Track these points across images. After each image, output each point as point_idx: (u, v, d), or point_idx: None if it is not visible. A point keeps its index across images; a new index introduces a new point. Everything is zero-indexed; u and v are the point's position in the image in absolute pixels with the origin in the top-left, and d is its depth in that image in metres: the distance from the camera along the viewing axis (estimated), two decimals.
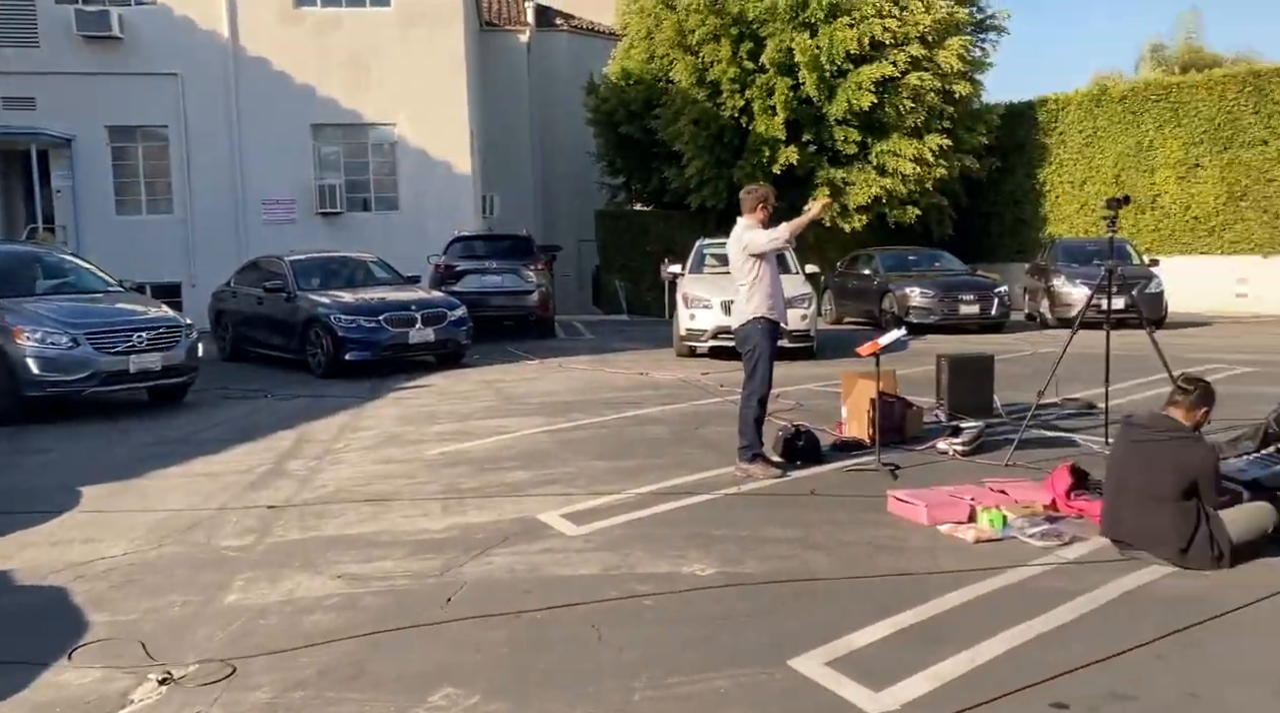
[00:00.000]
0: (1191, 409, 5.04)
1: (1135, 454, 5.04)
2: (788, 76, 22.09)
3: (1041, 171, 24.92)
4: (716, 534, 5.61)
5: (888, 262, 19.17)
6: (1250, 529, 4.89)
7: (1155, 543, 4.91)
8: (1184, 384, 5.11)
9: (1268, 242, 21.17)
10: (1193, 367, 10.32)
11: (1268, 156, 20.96)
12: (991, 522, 5.53)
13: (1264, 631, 4.12)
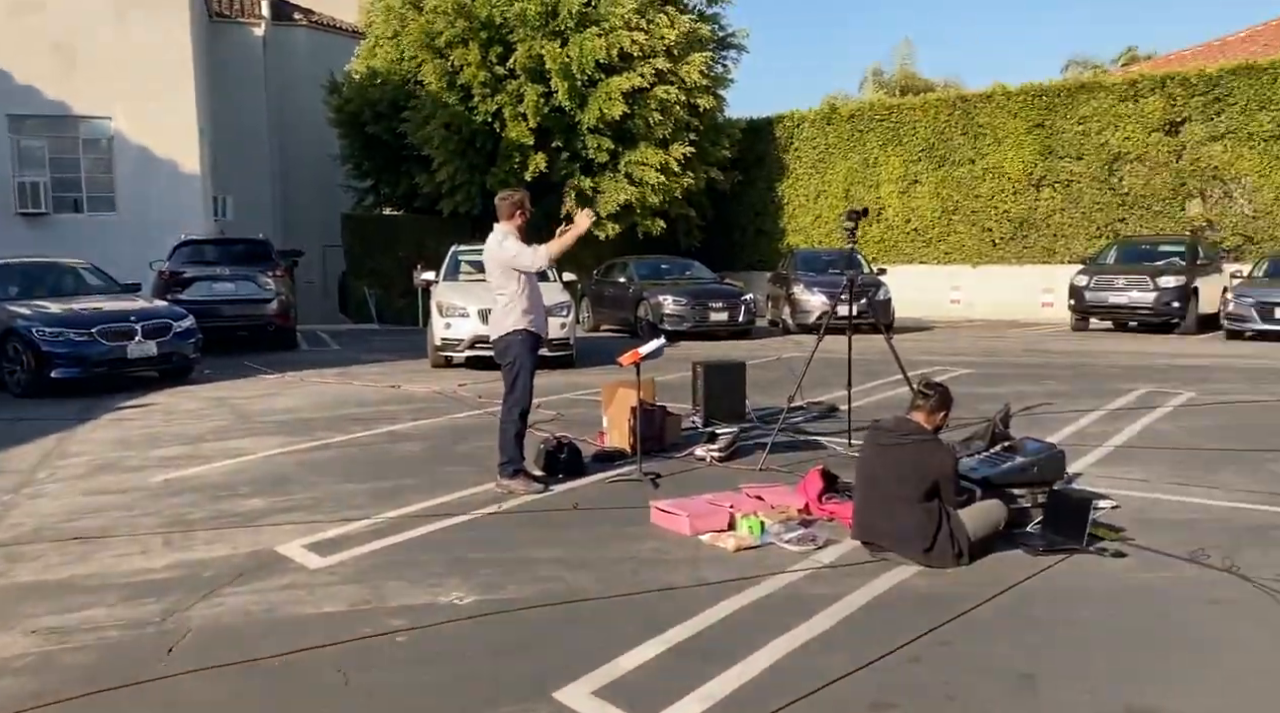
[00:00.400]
0: (932, 413, 5.27)
1: (881, 457, 5.21)
2: (539, 83, 22.01)
3: (780, 185, 26.21)
4: (477, 558, 5.31)
5: (642, 270, 19.48)
6: (985, 526, 5.16)
7: (902, 543, 5.08)
8: (924, 389, 5.33)
9: (976, 252, 23.25)
10: (918, 369, 11.01)
11: (975, 174, 23.02)
12: (750, 529, 5.56)
13: (1003, 625, 4.32)
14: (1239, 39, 29.63)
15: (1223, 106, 19.75)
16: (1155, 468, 7.16)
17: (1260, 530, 5.60)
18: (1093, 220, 21.53)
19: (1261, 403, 9.88)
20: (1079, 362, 13.61)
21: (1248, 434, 8.33)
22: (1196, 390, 10.64)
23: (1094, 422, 8.98)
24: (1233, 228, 19.82)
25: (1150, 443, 8.04)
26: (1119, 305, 17.96)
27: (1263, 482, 6.72)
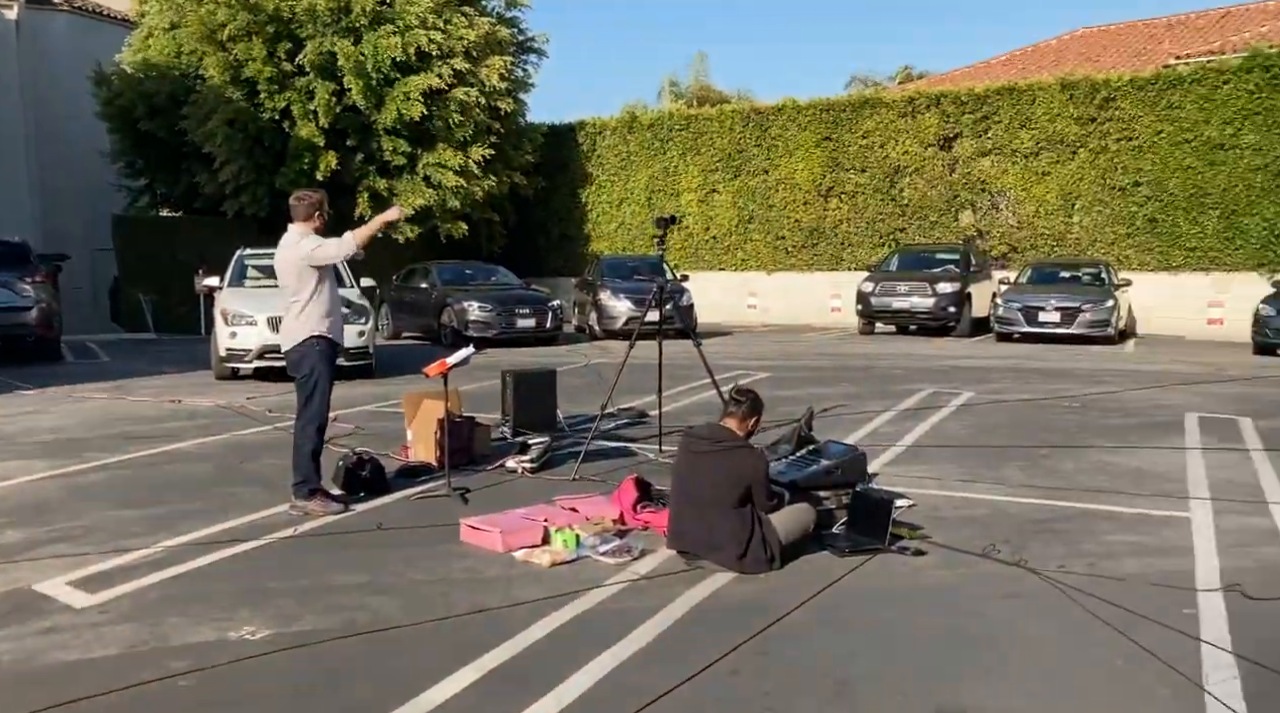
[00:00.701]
0: (744, 419, 5.30)
1: (696, 465, 5.19)
2: (330, 81, 21.12)
3: (584, 191, 26.27)
4: (271, 587, 4.92)
5: (445, 275, 19.00)
6: (796, 530, 5.23)
7: (716, 551, 5.08)
8: (737, 396, 5.36)
9: (771, 260, 24.07)
10: (721, 374, 11.19)
11: (769, 184, 23.84)
12: (565, 543, 5.43)
13: (817, 630, 4.36)
14: (1001, 62, 32.12)
15: (990, 124, 21.27)
16: (944, 465, 7.52)
17: (1043, 524, 5.95)
18: (876, 229, 22.71)
19: (1032, 401, 10.62)
20: (868, 364, 14.27)
21: (1023, 431, 8.92)
22: (975, 390, 11.34)
23: (886, 422, 9.38)
24: (1000, 237, 21.38)
25: (938, 441, 8.47)
26: (902, 310, 19.01)
27: (1040, 476, 7.18)
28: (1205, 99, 18.85)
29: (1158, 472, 7.28)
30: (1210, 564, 5.14)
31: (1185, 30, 29.49)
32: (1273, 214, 18.30)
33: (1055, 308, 17.06)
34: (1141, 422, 9.38)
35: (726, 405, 5.37)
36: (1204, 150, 18.88)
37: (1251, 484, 6.88)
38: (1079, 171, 20.25)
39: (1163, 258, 19.57)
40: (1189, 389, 11.42)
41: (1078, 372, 13.17)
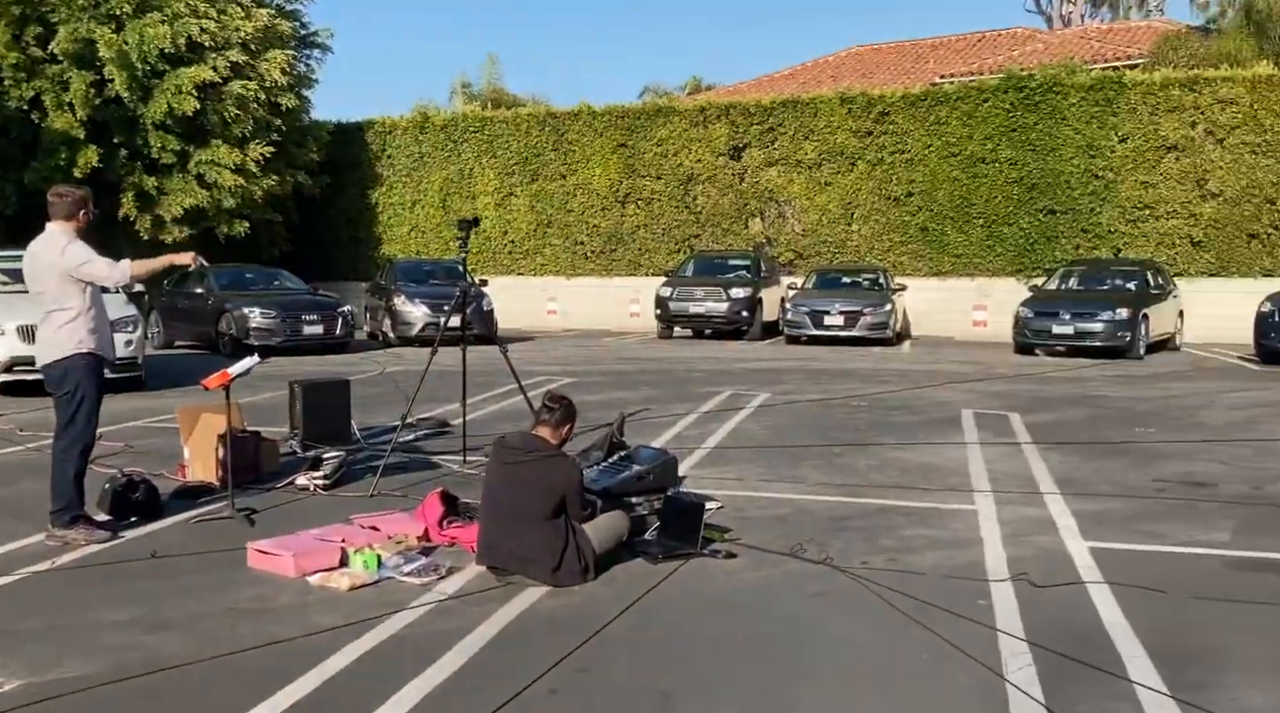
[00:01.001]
0: (558, 427, 5.14)
1: (508, 476, 4.99)
2: (88, 70, 19.43)
3: (374, 192, 25.38)
4: (24, 629, 4.35)
5: (223, 280, 17.81)
6: (610, 539, 5.13)
7: (530, 565, 4.89)
8: (549, 403, 5.20)
9: (570, 265, 24.05)
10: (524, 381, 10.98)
11: (566, 189, 23.82)
12: (365, 564, 5.10)
13: (636, 642, 4.26)
14: (784, 75, 33.52)
15: (775, 135, 22.08)
16: (747, 466, 7.64)
17: (843, 521, 6.11)
18: (673, 236, 23.11)
19: (824, 401, 11.01)
20: (668, 367, 14.44)
21: (817, 430, 9.21)
22: (771, 391, 11.66)
23: (689, 425, 9.47)
24: (787, 244, 22.21)
25: (740, 442, 8.61)
26: (698, 314, 19.40)
27: (836, 474, 7.40)
28: (968, 116, 20.28)
29: (943, 466, 7.66)
30: (997, 554, 5.40)
31: (948, 52, 31.74)
32: (1028, 224, 19.90)
33: (840, 312, 17.86)
34: (924, 419, 9.89)
35: (539, 413, 5.20)
36: (968, 164, 20.31)
37: (1025, 476, 7.34)
38: (858, 182, 21.32)
39: (933, 264, 20.89)
40: (963, 387, 12.18)
41: (862, 372, 13.81)
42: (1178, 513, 6.23)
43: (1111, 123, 19.06)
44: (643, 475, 5.82)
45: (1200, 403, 10.90)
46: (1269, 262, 18.15)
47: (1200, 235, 18.60)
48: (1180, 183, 18.63)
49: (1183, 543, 5.57)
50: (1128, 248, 19.08)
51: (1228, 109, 18.22)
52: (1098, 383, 12.70)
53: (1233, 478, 7.19)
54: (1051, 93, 19.50)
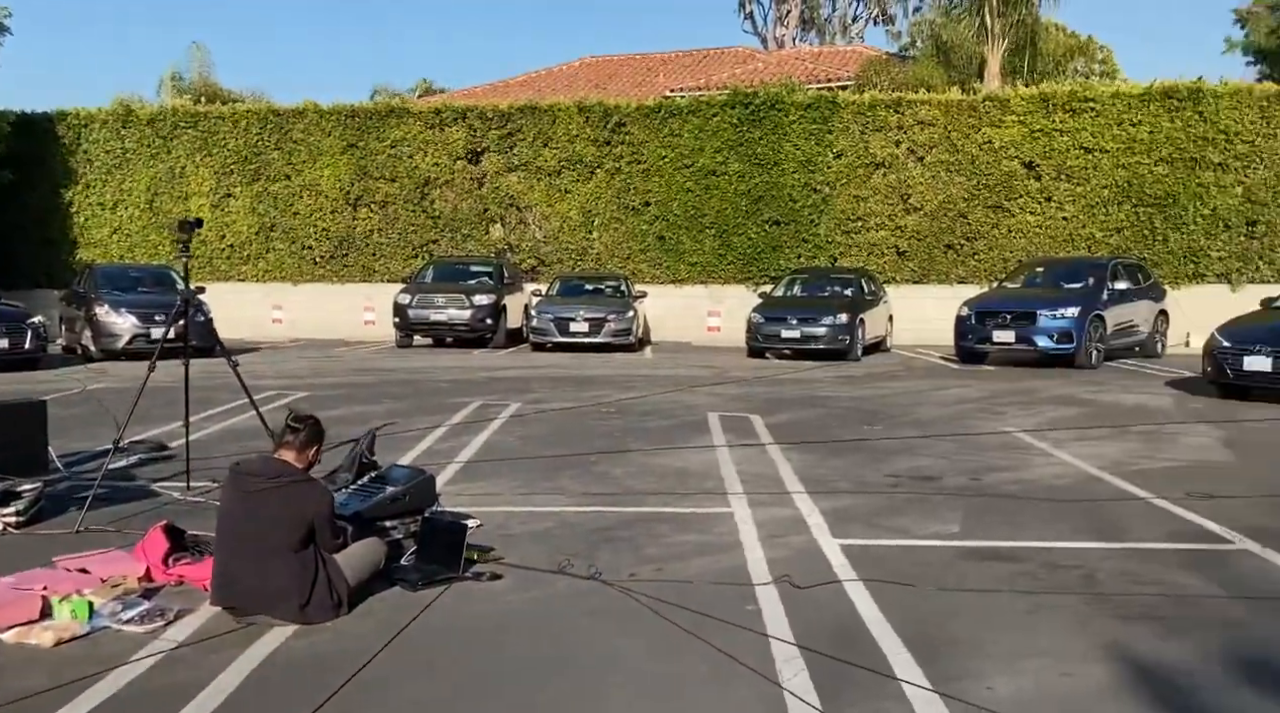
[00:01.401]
0: (304, 448, 4.70)
1: (248, 505, 4.50)
2: None
3: (68, 191, 22.91)
4: None
5: None
6: (366, 568, 4.75)
7: (275, 602, 4.43)
8: (293, 423, 4.74)
9: (297, 271, 22.75)
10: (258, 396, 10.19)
11: (292, 191, 22.53)
12: (74, 613, 4.43)
13: (403, 680, 3.94)
14: (519, 82, 33.49)
15: (515, 141, 21.93)
16: (503, 480, 7.41)
17: (607, 531, 6.01)
18: (409, 241, 22.40)
19: (575, 409, 10.96)
20: (411, 378, 13.90)
21: (571, 438, 9.11)
22: (521, 401, 11.46)
23: (439, 439, 9.10)
24: (529, 251, 22.10)
25: (494, 455, 8.36)
26: (439, 322, 18.87)
27: (594, 483, 7.32)
28: (699, 129, 21.02)
29: (696, 470, 7.77)
30: (758, 556, 5.49)
31: (676, 66, 32.91)
32: (755, 234, 20.88)
33: (584, 319, 17.95)
34: (674, 423, 10.05)
35: (280, 434, 4.73)
36: (700, 176, 21.04)
37: (772, 476, 7.58)
38: (597, 191, 21.57)
39: (670, 272, 21.48)
40: (705, 391, 12.53)
41: (609, 378, 13.91)
42: (912, 507, 6.61)
43: (827, 140, 20.38)
44: (398, 497, 5.44)
45: (914, 401, 11.78)
46: (963, 270, 20.04)
47: (905, 245, 20.26)
48: (887, 197, 20.21)
49: (921, 536, 5.90)
50: (843, 257, 20.46)
51: (926, 130, 19.96)
52: (824, 384, 13.46)
53: (953, 470, 7.76)
54: (774, 110, 20.58)
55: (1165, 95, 18.81)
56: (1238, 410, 10.73)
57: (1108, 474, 7.57)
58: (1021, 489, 7.12)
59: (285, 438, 4.70)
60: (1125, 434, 9.39)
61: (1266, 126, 18.41)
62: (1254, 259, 18.74)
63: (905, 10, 44.98)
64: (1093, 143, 19.05)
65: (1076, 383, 13.38)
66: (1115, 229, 19.09)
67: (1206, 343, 11.76)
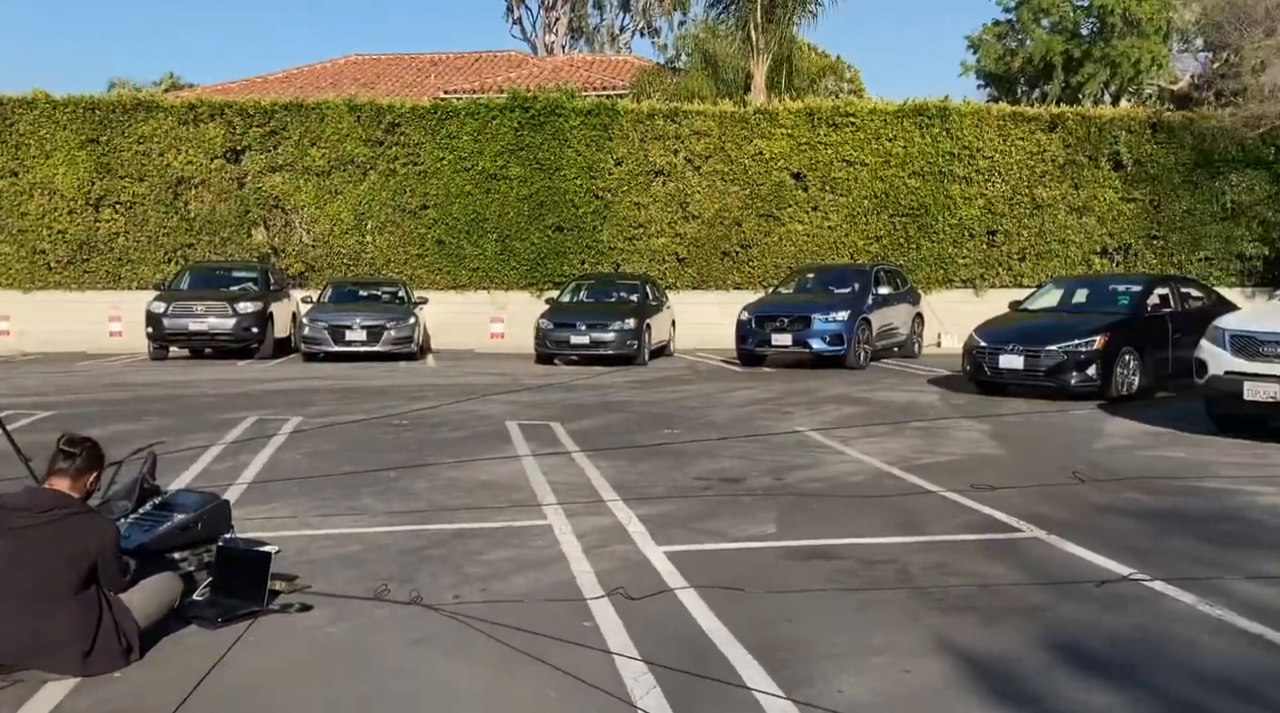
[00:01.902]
0: (79, 476, 4.12)
1: (15, 545, 3.89)
2: None
3: None
4: None
5: None
6: (159, 607, 4.23)
7: (51, 654, 3.85)
8: (67, 448, 4.14)
9: (29, 277, 20.56)
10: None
11: (20, 189, 20.35)
12: None
13: None
14: (278, 79, 31.79)
15: (279, 139, 20.73)
16: (297, 501, 6.89)
17: (420, 552, 5.68)
18: (161, 245, 20.72)
19: (363, 421, 10.40)
20: (173, 394, 12.79)
21: (365, 454, 8.63)
22: (302, 415, 10.77)
23: (216, 458, 8.37)
24: (296, 255, 20.95)
25: (283, 474, 7.77)
26: (200, 332, 17.53)
27: (398, 500, 6.93)
28: (479, 132, 20.65)
29: (504, 482, 7.52)
30: (584, 569, 5.34)
31: (448, 68, 32.28)
32: (538, 239, 20.75)
33: (362, 326, 17.18)
34: (471, 434, 9.73)
35: (52, 461, 4.13)
36: (480, 179, 20.68)
37: (584, 484, 7.45)
38: (370, 193, 20.74)
39: (451, 277, 20.98)
40: (500, 399, 12.25)
41: (395, 389, 13.35)
42: (725, 509, 6.67)
43: (608, 147, 20.55)
44: (188, 525, 4.89)
45: (707, 404, 12.01)
46: (739, 276, 20.74)
47: (685, 252, 20.74)
48: (667, 205, 20.62)
49: (740, 539, 5.95)
50: (626, 263, 20.69)
51: (702, 140, 20.53)
52: (617, 389, 13.50)
53: (756, 471, 7.92)
54: (554, 115, 20.54)
55: (917, 113, 20.26)
56: (996, 405, 11.62)
57: (897, 469, 7.96)
58: (824, 487, 7.34)
59: (58, 465, 4.10)
60: (903, 431, 9.94)
61: (1003, 143, 20.21)
62: (995, 266, 20.53)
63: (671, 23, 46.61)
64: (854, 156, 20.24)
65: (850, 382, 14.10)
66: (875, 237, 20.36)
67: (965, 343, 12.69)
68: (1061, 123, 20.24)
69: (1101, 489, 7.22)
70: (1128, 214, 20.40)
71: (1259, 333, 8.63)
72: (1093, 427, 10.20)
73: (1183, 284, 13.44)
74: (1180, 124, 20.46)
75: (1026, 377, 11.86)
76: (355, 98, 21.42)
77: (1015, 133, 20.19)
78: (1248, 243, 20.56)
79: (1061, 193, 20.22)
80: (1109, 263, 20.44)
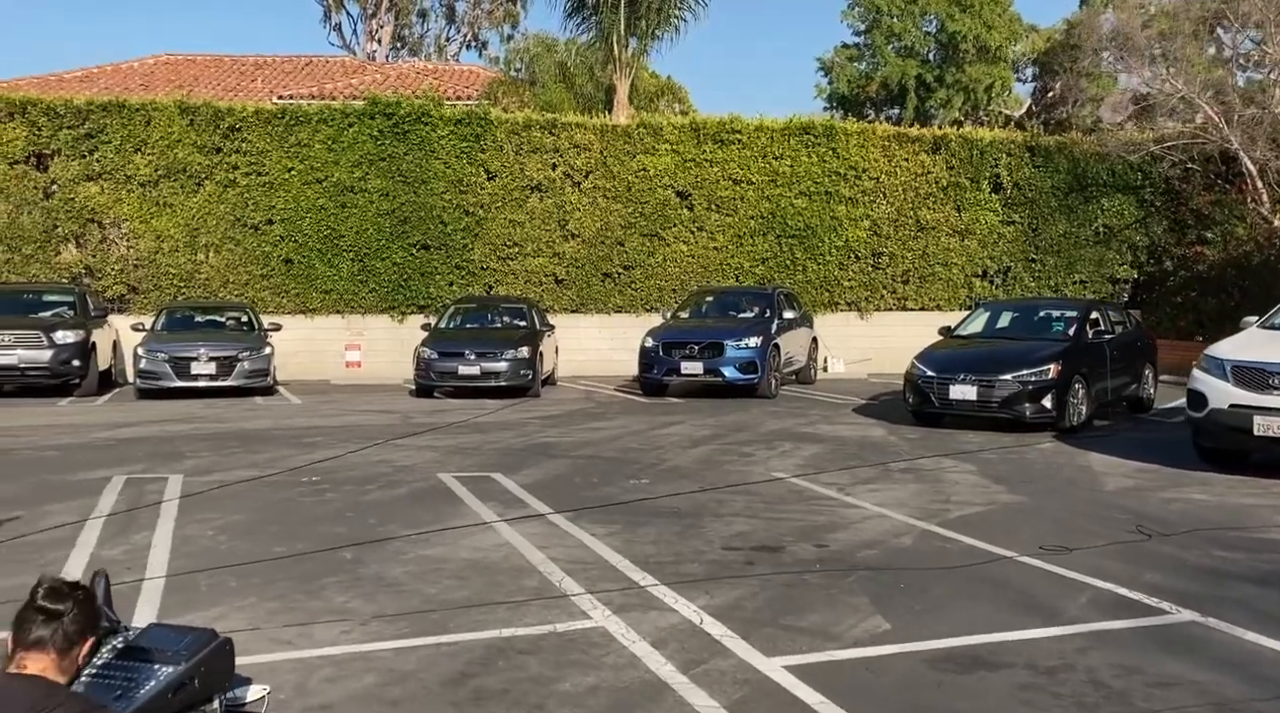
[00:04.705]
0: (69, 648, 2.57)
1: None
2: None
3: None
4: None
5: None
6: None
7: None
8: (48, 603, 2.56)
9: None
10: None
11: None
12: None
13: None
14: (77, 77, 28.43)
15: (96, 143, 18.08)
16: (247, 602, 5.29)
17: (465, 683, 4.25)
18: None
19: (265, 480, 8.62)
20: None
21: (293, 525, 6.98)
22: (179, 471, 8.86)
23: (99, 541, 6.52)
24: (116, 276, 18.31)
25: (204, 561, 6.05)
26: (9, 366, 14.80)
27: (381, 595, 5.42)
28: (333, 140, 18.69)
29: (497, 563, 6.11)
30: (706, 703, 4.08)
31: (275, 72, 29.69)
32: (401, 258, 18.96)
33: (210, 358, 14.97)
34: (407, 491, 8.18)
35: (21, 627, 2.53)
36: (335, 192, 18.70)
37: (597, 561, 6.15)
38: (206, 205, 18.39)
39: (300, 300, 18.86)
40: (408, 444, 10.63)
41: (273, 433, 11.45)
42: (802, 595, 5.50)
43: (480, 159, 19.03)
44: (181, 683, 3.32)
45: (647, 444, 10.80)
46: (620, 299, 19.63)
47: (563, 273, 19.45)
48: (544, 223, 19.28)
49: (861, 640, 4.81)
50: (499, 285, 19.21)
51: (582, 154, 19.34)
52: (532, 426, 12.10)
53: (784, 534, 6.83)
54: (420, 123, 18.84)
55: (803, 130, 19.81)
56: (953, 439, 10.98)
57: (935, 526, 7.06)
58: (881, 555, 6.33)
59: (34, 633, 2.52)
60: (890, 475, 9.09)
61: (888, 164, 20.05)
62: (879, 288, 20.31)
63: (501, 35, 45.17)
64: (741, 174, 19.56)
65: (775, 415, 13.25)
66: (761, 259, 19.73)
67: (908, 372, 12.06)
68: (945, 144, 20.28)
69: (1182, 546, 6.53)
70: (1008, 237, 20.65)
71: (1269, 364, 8.28)
72: (1077, 464, 9.68)
73: (1110, 309, 13.37)
74: (1055, 148, 20.90)
75: (980, 408, 11.32)
76: (188, 98, 19.00)
77: (900, 153, 20.06)
78: (1119, 266, 21.23)
79: (945, 215, 20.24)
80: (989, 286, 20.61)
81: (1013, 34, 27.02)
